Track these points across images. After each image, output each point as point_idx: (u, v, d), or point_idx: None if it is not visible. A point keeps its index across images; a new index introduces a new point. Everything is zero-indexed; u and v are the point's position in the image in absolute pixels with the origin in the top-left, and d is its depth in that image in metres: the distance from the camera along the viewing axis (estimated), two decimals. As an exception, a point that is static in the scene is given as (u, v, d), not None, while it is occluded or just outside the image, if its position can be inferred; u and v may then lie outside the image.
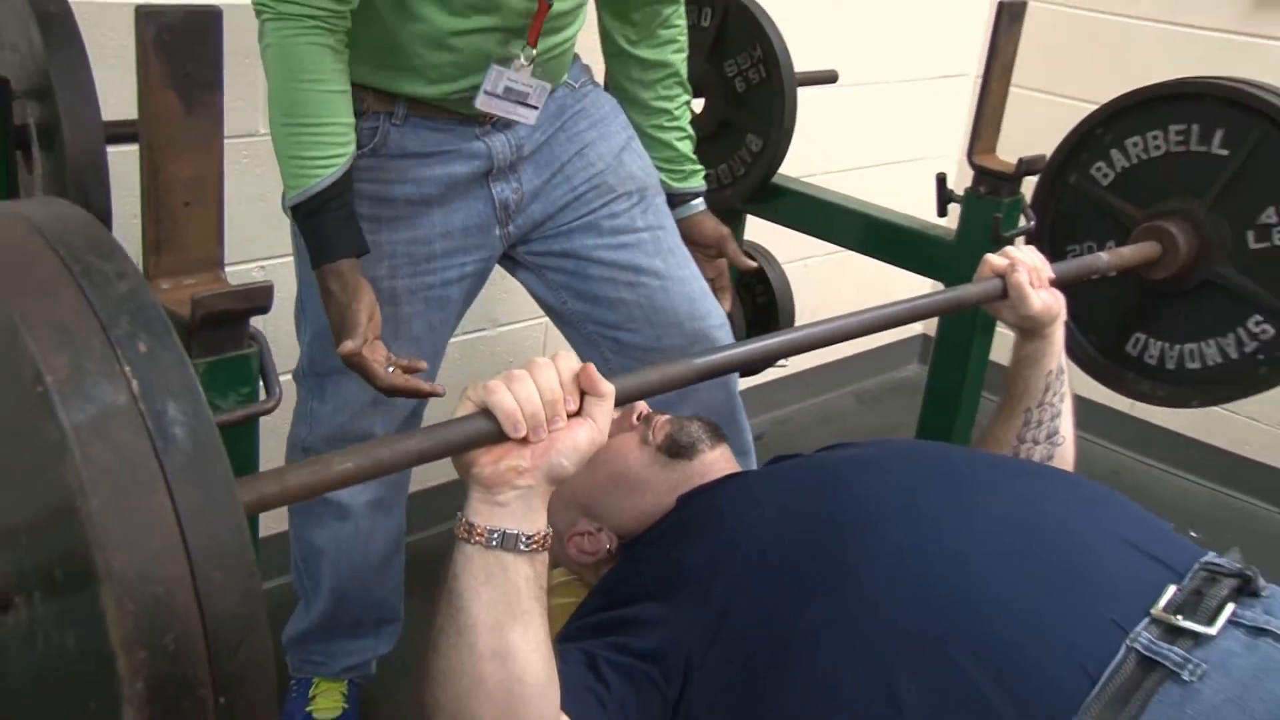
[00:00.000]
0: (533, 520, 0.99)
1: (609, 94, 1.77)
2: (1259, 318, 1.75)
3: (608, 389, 1.02)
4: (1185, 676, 0.96)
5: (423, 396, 1.48)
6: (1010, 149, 1.93)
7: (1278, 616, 1.02)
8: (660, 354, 1.70)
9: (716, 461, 1.36)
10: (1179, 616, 1.00)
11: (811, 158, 2.51)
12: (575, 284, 1.72)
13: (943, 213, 1.97)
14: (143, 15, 1.00)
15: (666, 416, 1.41)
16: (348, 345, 1.40)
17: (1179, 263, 1.75)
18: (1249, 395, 1.82)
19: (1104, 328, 1.89)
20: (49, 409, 0.60)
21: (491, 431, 0.97)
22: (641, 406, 1.43)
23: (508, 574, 0.98)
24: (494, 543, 0.98)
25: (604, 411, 1.02)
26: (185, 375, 0.65)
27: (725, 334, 1.78)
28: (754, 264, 2.13)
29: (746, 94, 2.13)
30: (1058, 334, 1.49)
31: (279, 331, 1.64)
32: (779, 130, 2.10)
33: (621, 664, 1.09)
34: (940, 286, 2.00)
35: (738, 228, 2.26)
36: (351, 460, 0.90)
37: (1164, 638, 0.99)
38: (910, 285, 3.43)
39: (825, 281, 3.06)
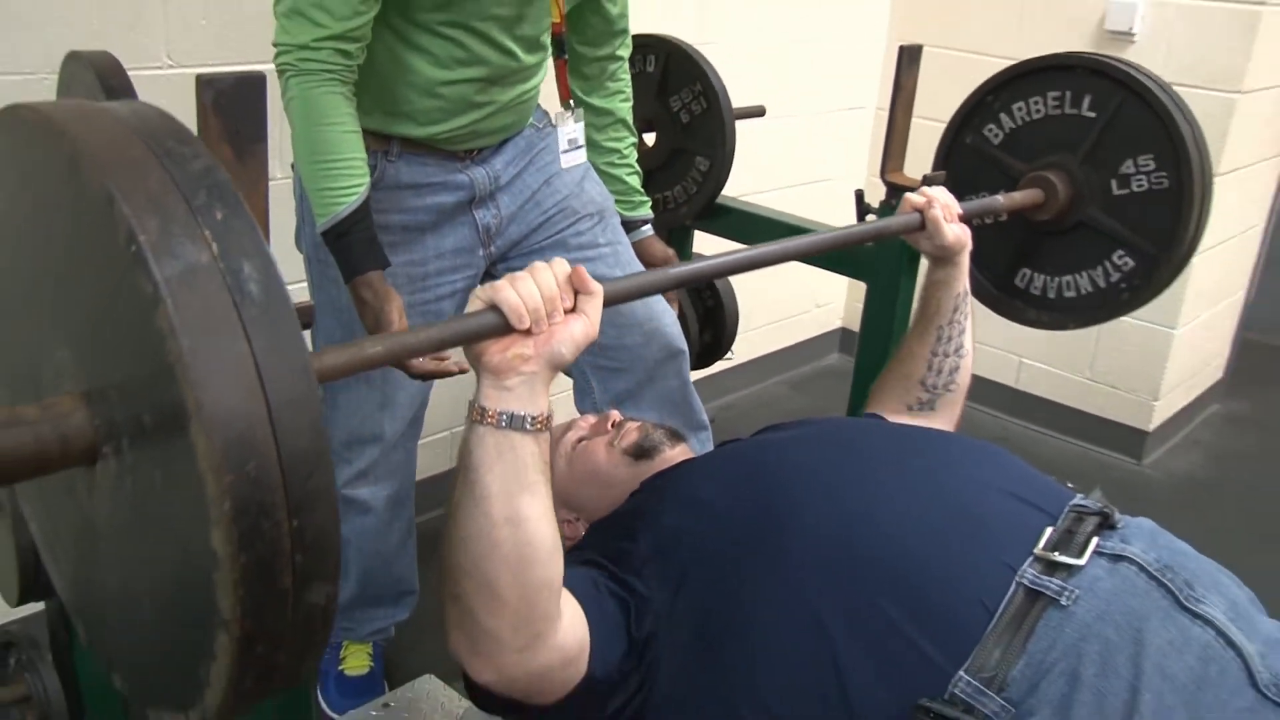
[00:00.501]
0: (536, 403, 0.99)
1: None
2: (1121, 252, 1.79)
3: (596, 288, 1.01)
4: (1063, 602, 0.98)
5: (451, 374, 1.49)
6: (907, 167, 1.97)
7: (1131, 544, 1.04)
8: (623, 350, 1.73)
9: (676, 457, 1.36)
10: (1055, 553, 1.02)
11: (747, 181, 2.52)
12: None
13: (862, 220, 1.97)
14: (202, 82, 1.01)
15: (636, 423, 1.41)
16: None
17: (1058, 206, 1.79)
18: (1115, 317, 1.87)
19: (997, 265, 1.91)
20: (143, 265, 0.60)
21: (499, 324, 0.96)
22: (615, 415, 1.45)
23: (516, 450, 0.97)
24: (504, 423, 0.97)
25: (595, 307, 1.01)
26: (257, 239, 0.64)
27: (676, 330, 1.79)
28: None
29: (691, 124, 2.13)
30: (965, 262, 1.52)
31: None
32: (722, 150, 2.10)
33: (605, 585, 1.10)
34: (863, 286, 2.02)
35: (688, 242, 2.27)
36: (383, 344, 0.91)
37: (1045, 572, 1.01)
38: (832, 283, 3.49)
39: (762, 288, 3.06)
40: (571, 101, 1.66)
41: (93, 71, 1.29)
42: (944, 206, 1.48)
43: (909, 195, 1.50)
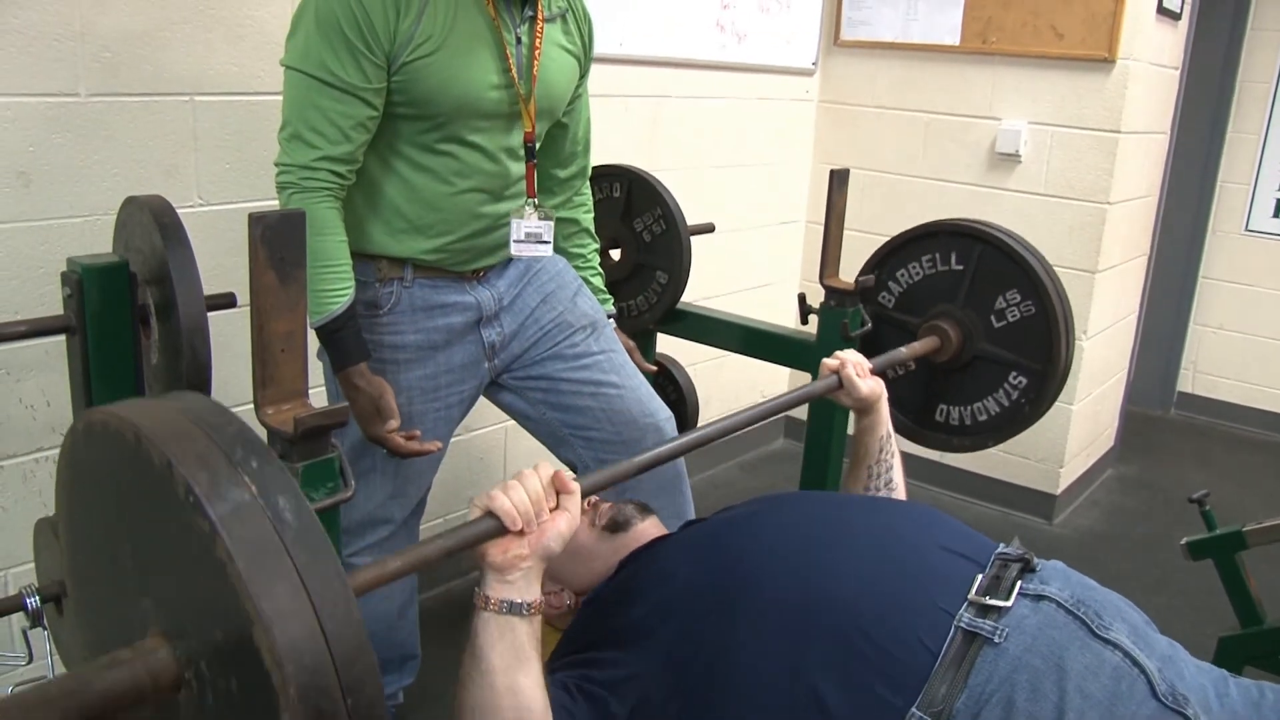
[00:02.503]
0: (532, 591, 1.06)
1: (558, 254, 1.81)
2: (1014, 373, 1.89)
3: (574, 487, 1.10)
4: (996, 639, 1.03)
5: (428, 453, 1.55)
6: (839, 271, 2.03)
7: (1049, 584, 1.09)
8: (621, 444, 1.73)
9: (648, 529, 1.38)
10: (986, 597, 1.07)
11: (701, 288, 2.57)
12: (550, 399, 1.74)
13: (804, 321, 2.02)
14: (253, 219, 1.07)
15: (608, 503, 1.44)
16: (391, 424, 1.49)
17: (953, 348, 1.90)
18: (1025, 428, 1.93)
19: (916, 407, 2.01)
20: (200, 510, 0.67)
21: (497, 528, 1.05)
22: (593, 497, 1.46)
23: (515, 632, 1.04)
24: (504, 610, 1.05)
25: (575, 503, 1.10)
26: (287, 479, 0.72)
27: (670, 425, 1.79)
28: (654, 367, 2.17)
29: (652, 242, 2.17)
30: (884, 409, 1.59)
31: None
32: (679, 266, 2.14)
33: (584, 687, 1.13)
34: (805, 376, 2.08)
35: (651, 343, 2.30)
36: (402, 559, 0.99)
37: (978, 615, 1.06)
38: (775, 374, 3.59)
39: (714, 381, 3.14)
40: (535, 200, 1.66)
41: (148, 211, 1.36)
42: (855, 365, 1.57)
43: (825, 361, 1.59)
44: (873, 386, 1.57)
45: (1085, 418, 3.23)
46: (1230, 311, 4.14)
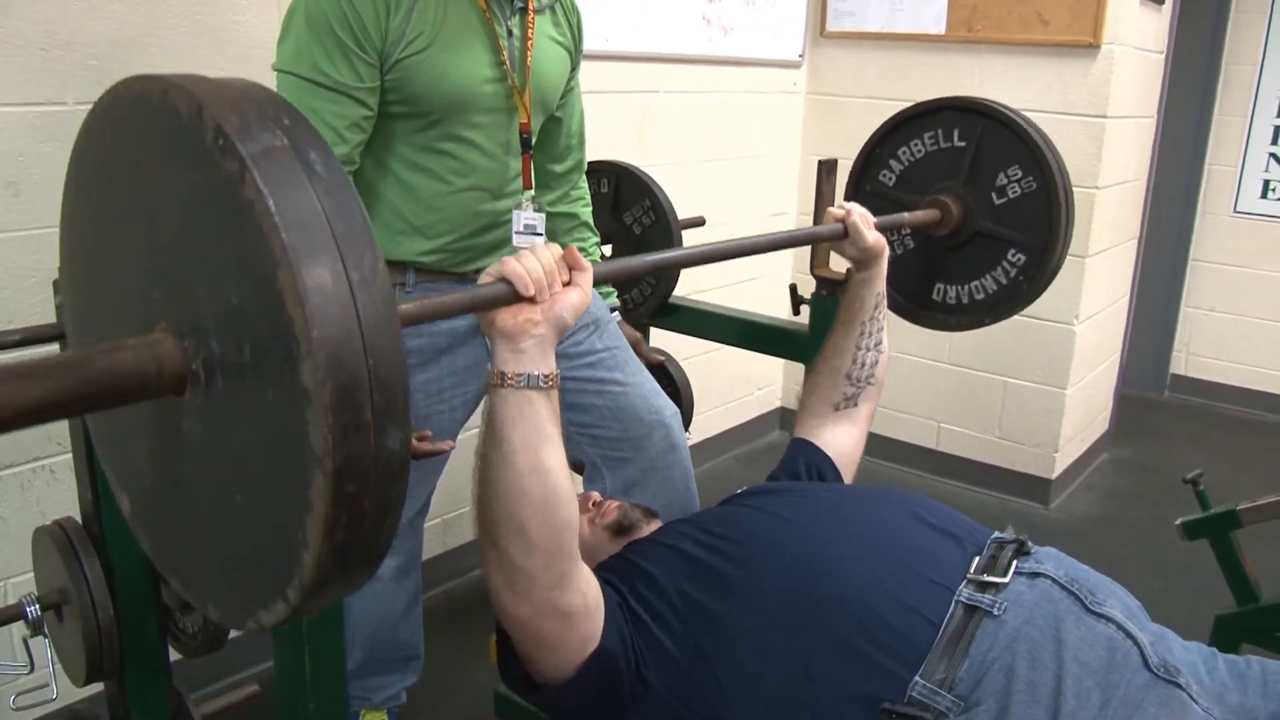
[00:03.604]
0: (547, 362, 1.02)
1: None
2: (1013, 250, 1.87)
3: (586, 264, 1.07)
4: (995, 612, 1.06)
5: (441, 454, 1.52)
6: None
7: (1044, 564, 1.13)
8: (627, 441, 1.73)
9: (651, 533, 1.38)
10: (985, 575, 1.11)
11: (693, 281, 2.59)
12: None
13: (796, 312, 2.03)
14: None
15: (615, 503, 1.43)
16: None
17: (953, 223, 1.88)
18: (1022, 308, 1.92)
19: (914, 286, 1.99)
20: (230, 149, 0.63)
21: (509, 293, 1.00)
22: (595, 495, 1.47)
23: (534, 407, 1.00)
24: (521, 384, 1.00)
25: (587, 280, 1.06)
26: (318, 138, 0.67)
27: (676, 422, 1.79)
28: (659, 358, 2.16)
29: (643, 235, 2.15)
30: (884, 264, 1.57)
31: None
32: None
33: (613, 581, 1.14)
34: (799, 368, 2.09)
35: (645, 337, 2.28)
36: (415, 306, 0.95)
37: (978, 591, 1.10)
38: (770, 366, 3.59)
39: (709, 376, 3.13)
40: (532, 192, 1.66)
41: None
42: (861, 215, 1.55)
43: (830, 209, 1.57)
44: (878, 237, 1.55)
45: (1079, 402, 3.24)
46: (1221, 293, 4.15)
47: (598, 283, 1.10)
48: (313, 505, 0.64)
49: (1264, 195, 3.99)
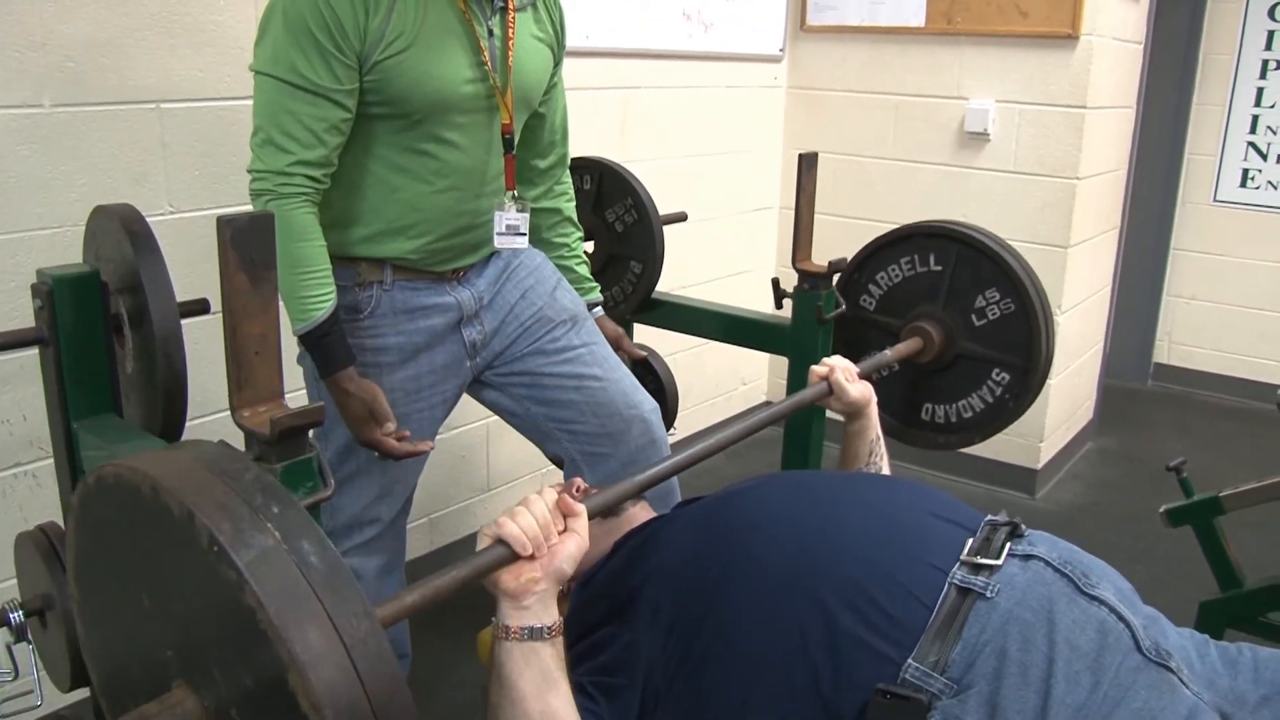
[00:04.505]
0: (550, 614, 1.07)
1: (536, 248, 1.81)
2: (997, 369, 1.92)
3: (580, 509, 1.11)
4: (988, 595, 1.06)
5: (421, 454, 1.56)
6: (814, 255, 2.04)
7: (1037, 546, 1.13)
8: (606, 436, 1.73)
9: (638, 514, 1.40)
10: (978, 557, 1.11)
11: (676, 277, 2.59)
12: (534, 394, 1.73)
13: (779, 306, 2.03)
14: (222, 221, 1.06)
15: (599, 490, 1.45)
16: (389, 426, 1.49)
17: (936, 348, 1.92)
18: (1009, 424, 1.97)
19: (902, 408, 2.03)
20: (225, 558, 0.66)
21: (508, 555, 1.05)
22: (579, 482, 1.43)
23: (540, 656, 1.05)
24: (525, 637, 1.05)
25: (582, 524, 1.10)
26: (309, 522, 0.71)
27: (655, 417, 1.78)
28: (642, 354, 2.15)
29: (625, 233, 2.17)
30: (873, 413, 1.61)
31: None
32: (653, 256, 2.14)
33: (598, 683, 1.13)
34: (785, 362, 2.09)
35: (628, 333, 2.29)
36: (419, 593, 0.99)
37: (971, 573, 1.09)
38: (754, 360, 3.60)
39: (695, 370, 3.15)
40: (514, 192, 1.65)
41: (118, 220, 1.35)
42: (844, 370, 1.58)
43: (814, 368, 1.61)
44: (862, 390, 1.59)
45: (1063, 392, 3.26)
46: (1202, 282, 4.18)
47: (593, 515, 1.13)
48: None
49: (1243, 184, 4.02)
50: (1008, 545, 1.13)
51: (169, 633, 0.77)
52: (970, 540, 1.14)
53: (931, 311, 1.94)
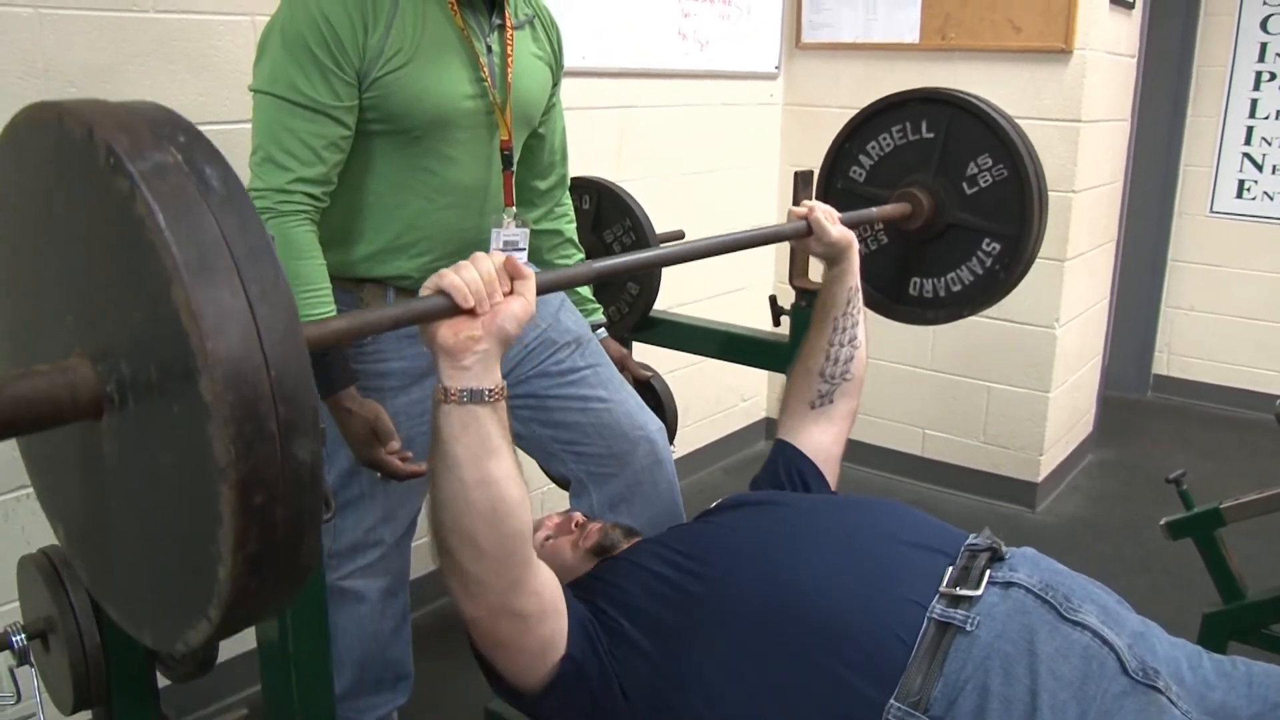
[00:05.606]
0: (491, 377, 1.01)
1: (538, 266, 1.81)
2: (988, 239, 1.86)
3: (528, 272, 1.05)
4: (968, 628, 1.05)
5: (423, 473, 1.51)
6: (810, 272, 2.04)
7: (1018, 571, 1.12)
8: (612, 457, 1.72)
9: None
10: (957, 588, 1.10)
11: (673, 295, 2.61)
12: (539, 416, 1.72)
13: (776, 323, 2.03)
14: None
15: (597, 524, 1.43)
16: (393, 445, 1.48)
17: (924, 215, 1.86)
18: (1000, 297, 1.90)
19: (890, 281, 1.98)
20: (120, 168, 0.62)
21: (447, 305, 0.98)
22: (578, 516, 1.46)
23: (479, 421, 1.00)
24: (465, 399, 1.00)
25: (530, 288, 1.05)
26: (215, 152, 0.66)
27: (661, 437, 1.77)
28: (646, 375, 2.15)
29: (622, 253, 2.17)
30: (854, 258, 1.56)
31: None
32: (650, 275, 2.13)
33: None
34: (784, 378, 2.10)
35: (627, 352, 2.34)
36: (346, 320, 0.95)
37: (950, 605, 1.08)
38: (753, 378, 3.60)
39: (695, 388, 3.14)
40: (513, 209, 1.64)
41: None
42: (825, 212, 1.55)
43: (792, 208, 1.56)
44: (843, 232, 1.54)
45: (1062, 405, 3.27)
46: (1200, 293, 4.20)
47: (541, 291, 1.09)
48: (222, 518, 0.63)
49: (1239, 195, 4.04)
50: (987, 572, 1.11)
51: (70, 293, 0.73)
52: (949, 569, 1.13)
53: (922, 180, 1.88)
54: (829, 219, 1.55)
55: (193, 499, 0.66)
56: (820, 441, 1.54)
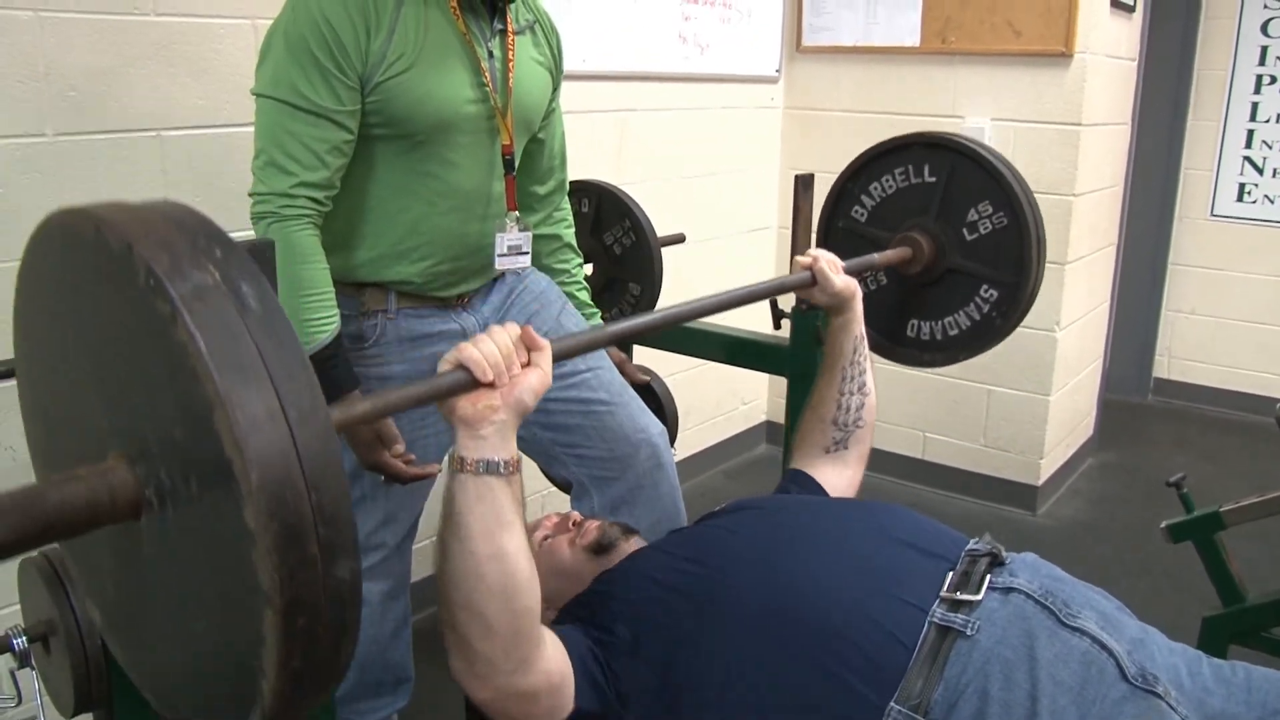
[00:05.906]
0: (508, 449, 1.01)
1: (540, 272, 1.82)
2: (986, 286, 1.88)
3: (544, 344, 1.06)
4: (968, 633, 1.05)
5: (429, 476, 1.55)
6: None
7: (1018, 576, 1.12)
8: (614, 461, 1.72)
9: (632, 550, 1.38)
10: (957, 593, 1.10)
11: (675, 298, 2.60)
12: (540, 418, 1.71)
13: (777, 326, 2.04)
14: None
15: (595, 522, 1.43)
16: (398, 448, 1.48)
17: (925, 260, 1.88)
18: (996, 343, 1.92)
19: (889, 323, 1.99)
20: (161, 291, 0.62)
21: (467, 380, 1.00)
22: (575, 515, 1.46)
23: (494, 493, 1.00)
24: (481, 469, 0.99)
25: (546, 359, 1.06)
26: (252, 267, 0.66)
27: (662, 440, 1.78)
28: (645, 378, 2.16)
29: (623, 255, 2.17)
30: (858, 307, 1.56)
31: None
32: (651, 277, 2.14)
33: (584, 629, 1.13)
34: (782, 382, 2.10)
35: (627, 355, 2.31)
36: (370, 402, 0.97)
37: (951, 610, 1.08)
38: (754, 381, 3.60)
39: (695, 391, 3.15)
40: (516, 212, 1.64)
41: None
42: (829, 261, 1.55)
43: (798, 257, 1.57)
44: (847, 281, 1.55)
45: (1063, 408, 3.27)
46: (1201, 296, 4.20)
47: (558, 359, 1.10)
48: (265, 638, 0.64)
49: (1240, 198, 4.05)
50: (988, 577, 1.12)
51: (106, 399, 0.74)
52: (950, 574, 1.13)
53: (922, 224, 1.90)
54: (833, 269, 1.55)
55: (235, 614, 0.67)
56: (835, 484, 1.54)
